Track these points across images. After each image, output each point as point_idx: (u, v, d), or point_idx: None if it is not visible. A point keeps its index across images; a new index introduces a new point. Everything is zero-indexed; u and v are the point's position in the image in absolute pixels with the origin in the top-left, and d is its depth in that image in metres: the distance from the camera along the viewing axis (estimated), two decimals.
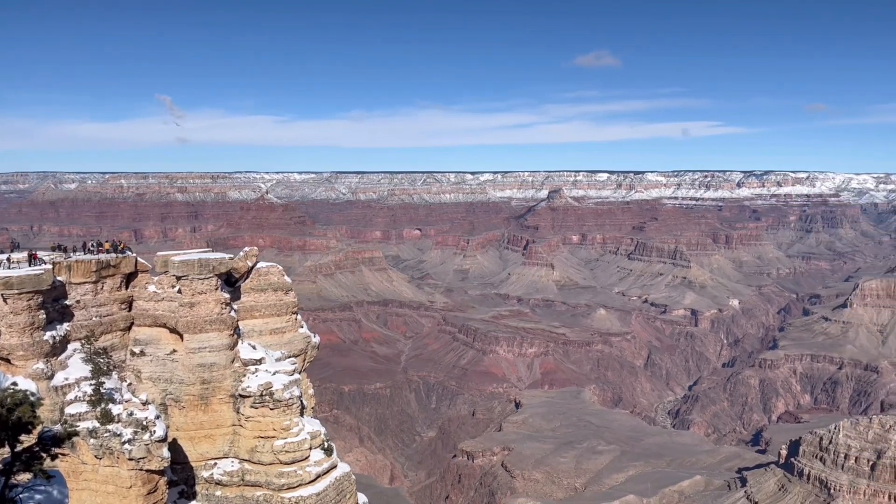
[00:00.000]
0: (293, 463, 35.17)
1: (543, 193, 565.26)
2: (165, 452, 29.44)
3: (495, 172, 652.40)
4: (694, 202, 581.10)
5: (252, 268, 39.54)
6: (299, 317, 42.19)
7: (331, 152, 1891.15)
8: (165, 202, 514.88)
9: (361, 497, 39.19)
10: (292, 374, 36.25)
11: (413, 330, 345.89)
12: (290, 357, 38.36)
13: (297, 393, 35.68)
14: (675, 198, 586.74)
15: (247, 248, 39.82)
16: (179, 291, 34.89)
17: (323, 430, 37.18)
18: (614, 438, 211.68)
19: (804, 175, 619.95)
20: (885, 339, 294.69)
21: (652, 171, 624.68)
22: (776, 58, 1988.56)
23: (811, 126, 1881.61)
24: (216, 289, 34.95)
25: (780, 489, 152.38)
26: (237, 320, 36.78)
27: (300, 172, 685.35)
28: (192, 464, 35.67)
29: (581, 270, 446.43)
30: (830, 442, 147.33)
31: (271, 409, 34.89)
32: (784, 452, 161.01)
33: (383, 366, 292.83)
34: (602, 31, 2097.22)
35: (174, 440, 34.55)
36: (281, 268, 41.47)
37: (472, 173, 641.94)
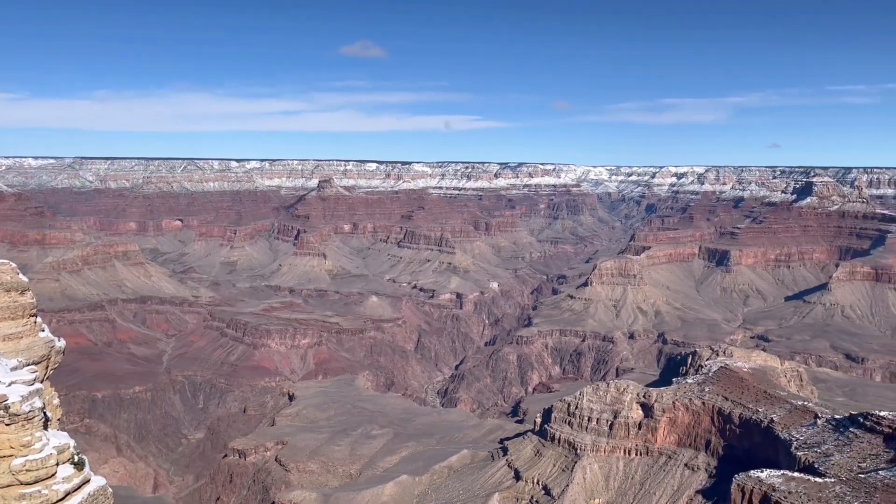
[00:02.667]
0: (36, 482, 31.49)
1: (314, 182, 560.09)
2: None
3: (263, 160, 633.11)
4: (457, 192, 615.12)
5: None
6: (39, 319, 37.81)
7: (74, 136, 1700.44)
8: None
9: None
10: (32, 384, 32.37)
11: (176, 328, 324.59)
12: (29, 365, 34.22)
13: (38, 404, 31.95)
14: (440, 188, 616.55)
15: None
16: None
17: (72, 442, 33.78)
18: (387, 422, 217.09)
19: (551, 167, 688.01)
20: (618, 313, 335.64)
21: (418, 162, 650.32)
22: (525, 55, 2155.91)
23: (556, 122, 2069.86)
24: None
25: (535, 454, 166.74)
26: None
27: (36, 157, 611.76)
28: None
29: (353, 259, 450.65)
30: (576, 407, 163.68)
31: (7, 425, 30.92)
32: (539, 420, 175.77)
33: (142, 367, 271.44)
34: (366, 20, 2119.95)
35: None
36: (14, 265, 36.85)
37: (238, 161, 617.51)
